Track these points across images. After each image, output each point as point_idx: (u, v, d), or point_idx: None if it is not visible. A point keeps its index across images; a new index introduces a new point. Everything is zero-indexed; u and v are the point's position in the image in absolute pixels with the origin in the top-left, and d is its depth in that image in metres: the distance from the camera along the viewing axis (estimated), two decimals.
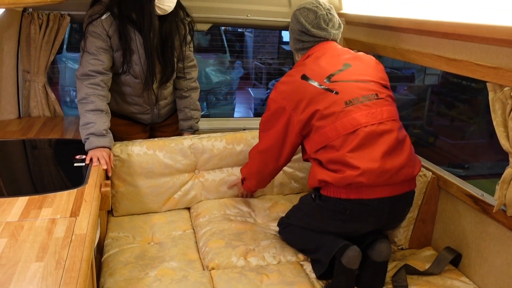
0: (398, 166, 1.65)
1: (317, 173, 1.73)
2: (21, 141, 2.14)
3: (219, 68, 5.26)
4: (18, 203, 1.50)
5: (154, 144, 2.21)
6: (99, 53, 2.04)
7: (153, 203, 2.23)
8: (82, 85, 2.02)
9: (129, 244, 1.98)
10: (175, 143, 2.23)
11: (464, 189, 1.81)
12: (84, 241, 1.31)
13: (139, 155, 2.16)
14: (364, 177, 1.61)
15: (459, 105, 5.99)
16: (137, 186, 2.18)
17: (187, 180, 2.28)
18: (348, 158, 1.63)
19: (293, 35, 1.93)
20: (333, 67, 1.77)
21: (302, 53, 1.93)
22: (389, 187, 1.66)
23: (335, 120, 1.67)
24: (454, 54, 1.69)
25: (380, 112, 1.70)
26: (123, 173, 2.15)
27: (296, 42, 1.92)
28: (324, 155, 1.71)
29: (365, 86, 1.74)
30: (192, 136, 2.31)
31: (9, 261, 1.19)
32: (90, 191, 1.62)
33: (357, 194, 1.65)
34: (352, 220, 1.73)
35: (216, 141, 2.29)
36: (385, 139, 1.66)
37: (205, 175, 2.30)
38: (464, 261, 1.83)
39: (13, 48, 2.36)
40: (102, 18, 2.03)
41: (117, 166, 2.12)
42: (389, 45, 2.10)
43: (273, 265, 1.83)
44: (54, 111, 2.53)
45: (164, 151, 2.20)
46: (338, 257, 1.67)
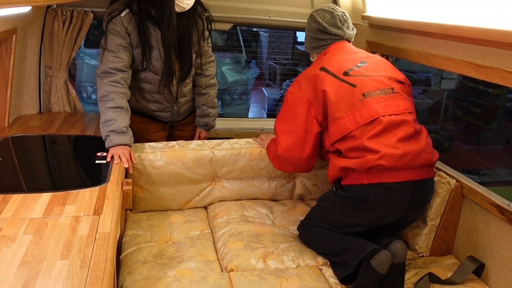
0: (417, 150, 1.71)
1: (337, 162, 1.78)
2: (42, 136, 2.15)
3: (234, 68, 5.25)
4: (41, 199, 1.51)
5: (173, 155, 2.13)
6: (118, 50, 2.04)
7: (172, 205, 2.24)
8: (102, 83, 2.02)
9: (147, 243, 1.98)
10: (195, 154, 2.16)
11: (489, 198, 1.77)
12: (108, 240, 1.30)
13: (157, 167, 2.11)
14: (384, 160, 1.67)
15: (475, 110, 5.93)
16: (155, 193, 2.17)
17: (205, 187, 2.26)
18: (367, 143, 1.69)
19: (310, 34, 2.00)
20: (350, 63, 1.86)
21: (318, 51, 2.00)
22: (409, 170, 1.71)
23: (354, 111, 1.74)
24: (484, 61, 1.66)
25: (396, 105, 1.77)
26: (141, 182, 2.12)
27: (313, 40, 1.99)
28: (343, 144, 1.77)
29: (381, 80, 1.81)
30: (213, 147, 2.21)
31: (35, 258, 1.19)
32: (113, 189, 1.62)
33: (379, 178, 1.69)
34: (375, 207, 1.74)
35: (239, 156, 2.21)
36: (403, 128, 1.72)
37: (224, 183, 2.26)
38: (488, 272, 1.79)
39: (36, 43, 2.37)
40: (121, 16, 2.04)
41: (135, 176, 2.07)
42: (414, 49, 2.07)
43: (292, 268, 1.82)
44: (75, 107, 2.54)
45: (183, 163, 2.14)
46: (366, 260, 1.65)
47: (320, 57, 1.96)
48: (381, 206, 1.74)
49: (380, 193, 1.71)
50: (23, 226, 1.33)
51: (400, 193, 1.72)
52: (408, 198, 1.73)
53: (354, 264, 1.69)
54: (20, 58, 2.28)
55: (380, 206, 1.74)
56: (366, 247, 1.69)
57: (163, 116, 2.36)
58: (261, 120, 3.34)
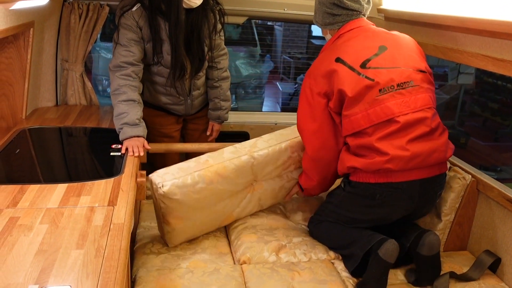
0: (428, 151, 1.66)
1: (345, 159, 1.75)
2: (58, 128, 2.18)
3: (249, 61, 5.25)
4: (57, 190, 1.53)
5: (213, 172, 1.82)
6: (130, 44, 2.06)
7: (214, 226, 1.99)
8: (114, 77, 2.05)
9: None
10: (235, 164, 1.87)
11: (505, 194, 1.75)
12: (122, 231, 1.32)
13: (198, 191, 1.79)
14: (392, 164, 1.63)
15: (493, 105, 5.83)
16: (196, 219, 1.87)
17: (245, 195, 1.99)
18: (377, 144, 1.65)
19: (322, 8, 1.80)
20: (368, 51, 1.72)
21: (332, 28, 1.83)
22: (419, 170, 1.68)
23: (368, 108, 1.66)
24: (502, 54, 1.63)
25: (414, 101, 1.68)
26: (182, 213, 1.80)
27: (326, 16, 1.80)
28: (353, 140, 1.72)
29: (401, 72, 1.70)
30: (249, 150, 1.94)
31: (51, 247, 1.22)
32: (127, 181, 1.63)
33: (386, 178, 1.67)
34: (383, 205, 1.73)
35: (280, 153, 1.97)
36: (418, 127, 1.66)
37: (263, 185, 2.01)
38: (503, 268, 1.77)
39: (53, 36, 2.40)
40: (132, 10, 2.06)
41: (174, 208, 1.77)
42: (430, 43, 2.04)
43: (304, 262, 1.82)
44: (90, 100, 2.57)
45: (224, 178, 1.85)
46: (374, 250, 1.65)
47: (335, 41, 1.80)
48: (388, 204, 1.73)
49: (387, 192, 1.69)
50: (40, 215, 1.36)
51: (408, 192, 1.69)
52: (416, 196, 1.71)
53: (360, 254, 1.69)
54: (37, 51, 2.31)
55: (388, 204, 1.73)
56: (373, 238, 1.69)
57: (177, 109, 2.38)
58: (275, 114, 3.34)
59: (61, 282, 1.08)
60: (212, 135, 2.54)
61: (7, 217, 1.34)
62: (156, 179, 1.77)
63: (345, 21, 1.78)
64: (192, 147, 2.44)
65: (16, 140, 1.98)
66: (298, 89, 6.03)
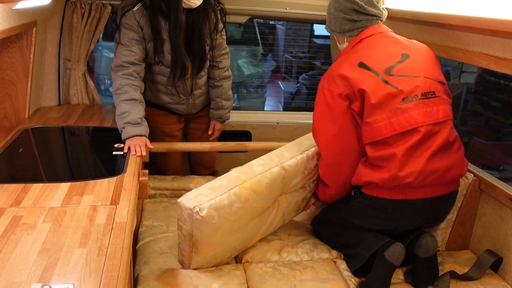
0: (446, 166, 1.63)
1: (363, 174, 1.68)
2: (61, 128, 2.19)
3: (251, 61, 5.25)
4: (60, 189, 1.54)
5: (248, 190, 1.65)
6: (131, 44, 2.07)
7: (239, 250, 1.81)
8: (116, 76, 2.06)
9: (163, 233, 2.00)
10: (268, 178, 1.72)
11: (507, 192, 1.75)
12: (124, 229, 1.33)
13: (235, 211, 1.62)
14: (411, 178, 1.59)
15: (495, 104, 5.82)
16: (226, 244, 1.70)
17: (271, 212, 1.83)
18: (400, 155, 1.58)
19: (340, 15, 1.73)
20: (392, 58, 1.67)
21: (350, 35, 1.76)
22: (433, 187, 1.65)
23: (391, 116, 1.60)
24: (504, 53, 1.63)
25: (437, 111, 1.64)
26: (217, 238, 1.63)
27: (346, 22, 1.73)
28: (373, 150, 1.65)
29: (424, 82, 1.65)
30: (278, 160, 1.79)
31: (54, 246, 1.22)
32: (129, 180, 1.64)
33: (401, 195, 1.64)
34: (393, 218, 1.71)
35: (308, 160, 1.84)
36: (437, 140, 1.61)
37: (287, 199, 1.87)
38: (505, 267, 1.77)
39: (56, 36, 2.41)
40: (133, 10, 2.06)
41: (209, 235, 1.59)
42: (432, 42, 2.04)
43: (306, 261, 1.82)
44: (93, 99, 2.57)
45: (258, 194, 1.69)
46: (380, 252, 1.65)
47: (356, 46, 1.73)
48: (398, 219, 1.71)
49: (400, 207, 1.67)
50: (43, 214, 1.37)
51: (421, 208, 1.67)
52: (427, 213, 1.70)
53: (366, 255, 1.69)
54: (40, 51, 2.32)
55: (398, 219, 1.71)
56: (380, 240, 1.68)
57: (179, 108, 2.38)
58: (277, 113, 3.34)
59: (64, 280, 1.09)
60: (214, 134, 2.54)
61: (10, 216, 1.35)
62: (189, 203, 1.55)
63: (365, 26, 1.73)
64: (194, 146, 2.45)
65: (19, 139, 1.99)
66: (300, 88, 6.03)
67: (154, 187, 2.38)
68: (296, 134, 3.01)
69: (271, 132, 2.98)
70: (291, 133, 3.01)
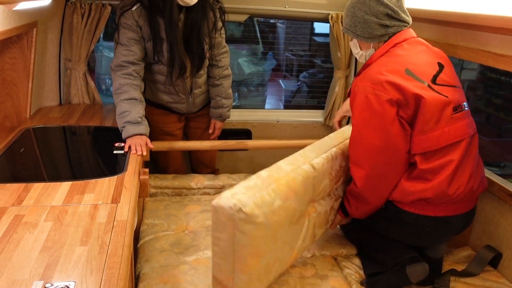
0: (480, 180, 1.64)
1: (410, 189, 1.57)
2: (62, 127, 2.20)
3: (251, 59, 5.25)
4: (61, 188, 1.55)
5: (285, 186, 1.48)
6: (130, 44, 2.08)
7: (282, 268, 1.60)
8: (115, 76, 2.07)
9: (164, 232, 2.01)
10: (302, 176, 1.56)
11: (506, 188, 1.76)
12: (125, 227, 1.34)
13: (276, 211, 1.42)
14: (459, 191, 1.56)
15: (496, 101, 5.81)
16: (270, 256, 1.47)
17: (303, 222, 1.63)
18: (452, 168, 1.53)
19: (372, 19, 1.61)
20: (431, 67, 1.60)
21: (380, 40, 1.65)
22: (468, 202, 1.64)
23: (445, 126, 1.53)
24: (502, 50, 1.63)
25: (472, 123, 1.63)
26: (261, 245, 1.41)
27: (378, 27, 1.62)
28: (423, 161, 1.55)
29: (460, 93, 1.62)
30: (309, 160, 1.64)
31: (55, 244, 1.23)
32: (130, 179, 1.65)
33: (444, 211, 1.60)
34: (428, 235, 1.66)
35: (333, 160, 1.72)
36: (473, 152, 1.62)
37: (316, 208, 1.69)
38: (504, 263, 1.78)
39: (56, 36, 2.42)
40: (132, 10, 2.07)
41: (255, 238, 1.37)
42: (431, 39, 2.04)
43: (307, 258, 1.83)
44: (93, 99, 2.58)
45: (295, 193, 1.52)
46: (402, 263, 1.62)
47: (392, 50, 1.62)
48: (434, 236, 1.67)
49: (438, 226, 1.62)
50: (44, 213, 1.38)
51: (456, 224, 1.65)
52: (460, 229, 1.70)
53: (390, 263, 1.66)
54: (40, 51, 2.33)
55: (434, 236, 1.67)
56: (407, 252, 1.65)
57: (179, 107, 2.39)
58: (277, 111, 3.35)
59: (66, 278, 1.10)
60: (214, 133, 2.55)
61: (12, 215, 1.36)
62: (228, 202, 1.33)
63: (396, 32, 1.64)
64: (194, 145, 2.46)
65: (21, 139, 2.00)
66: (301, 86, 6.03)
67: (155, 186, 2.39)
68: (296, 132, 3.03)
69: (271, 130, 2.99)
70: (291, 131, 3.02)
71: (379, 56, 1.64)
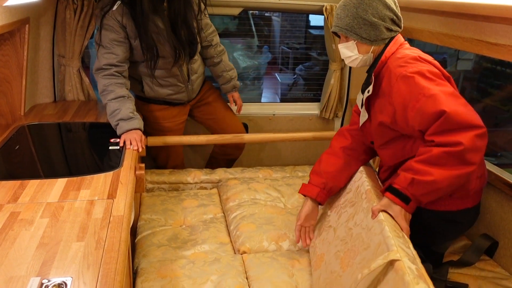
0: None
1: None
2: (57, 124, 2.19)
3: (246, 53, 5.24)
4: (57, 184, 1.55)
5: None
6: (112, 46, 2.04)
7: None
8: (98, 78, 2.06)
9: (162, 227, 2.02)
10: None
11: (502, 177, 1.76)
12: (122, 223, 1.34)
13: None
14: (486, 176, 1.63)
15: (492, 91, 5.81)
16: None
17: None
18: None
19: (380, 22, 1.57)
20: None
21: (381, 44, 1.61)
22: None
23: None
24: (496, 39, 1.63)
25: None
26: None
27: (384, 31, 1.58)
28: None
29: None
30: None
31: (52, 240, 1.23)
32: (126, 174, 1.65)
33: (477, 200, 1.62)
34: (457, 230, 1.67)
35: None
36: None
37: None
38: (501, 251, 1.79)
39: (49, 33, 2.40)
40: (113, 9, 2.02)
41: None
42: (426, 29, 2.04)
43: (305, 250, 1.84)
44: (88, 95, 2.57)
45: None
46: None
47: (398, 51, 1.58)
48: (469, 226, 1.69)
49: (472, 215, 1.63)
50: (40, 210, 1.38)
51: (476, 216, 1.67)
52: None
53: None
54: (33, 48, 2.31)
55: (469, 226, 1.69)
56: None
57: (180, 97, 2.38)
58: (273, 104, 3.34)
59: (63, 274, 1.10)
60: (237, 103, 2.61)
61: (8, 212, 1.35)
62: None
63: (393, 37, 1.61)
64: (190, 139, 2.46)
65: (16, 136, 1.99)
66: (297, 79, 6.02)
67: (152, 181, 2.39)
68: (292, 125, 3.03)
69: (268, 124, 2.99)
70: (287, 124, 3.02)
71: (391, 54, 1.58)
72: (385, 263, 1.19)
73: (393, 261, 1.18)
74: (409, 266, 1.15)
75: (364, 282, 1.24)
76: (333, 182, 1.73)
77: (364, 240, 1.36)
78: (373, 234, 1.34)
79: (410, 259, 1.19)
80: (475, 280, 1.66)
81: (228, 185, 2.33)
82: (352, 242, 1.43)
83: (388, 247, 1.22)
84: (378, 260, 1.21)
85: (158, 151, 2.53)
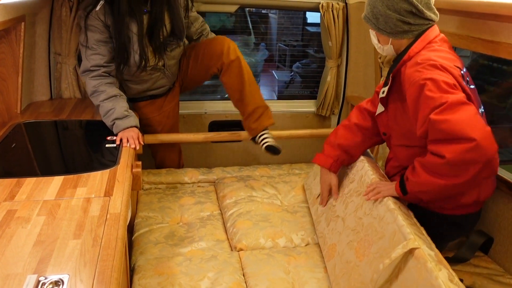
0: None
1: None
2: (53, 122, 2.19)
3: (243, 51, 5.23)
4: (53, 182, 1.55)
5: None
6: (98, 47, 2.03)
7: None
8: (87, 80, 2.05)
9: (159, 224, 2.02)
10: None
11: (498, 174, 1.77)
12: (118, 220, 1.34)
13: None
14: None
15: (489, 88, 5.83)
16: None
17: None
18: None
19: (394, 15, 1.53)
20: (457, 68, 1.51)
21: (403, 38, 1.58)
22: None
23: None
24: (492, 36, 1.63)
25: None
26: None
27: (400, 24, 1.54)
28: None
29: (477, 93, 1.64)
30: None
31: (48, 238, 1.23)
32: (122, 172, 1.65)
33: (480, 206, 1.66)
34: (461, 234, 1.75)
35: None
36: None
37: None
38: (496, 247, 1.80)
39: (45, 30, 2.39)
40: (96, 9, 2.00)
41: None
42: None
43: (301, 247, 1.85)
44: (85, 93, 2.56)
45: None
46: None
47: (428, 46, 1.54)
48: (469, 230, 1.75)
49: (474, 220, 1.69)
50: (37, 208, 1.38)
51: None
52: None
53: None
54: (29, 46, 2.30)
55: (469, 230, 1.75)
56: None
57: (162, 83, 2.33)
58: (271, 101, 3.34)
59: (59, 271, 1.10)
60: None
61: (4, 210, 1.35)
62: None
63: (422, 30, 1.56)
64: (186, 137, 2.46)
65: (12, 134, 1.99)
66: (294, 76, 6.02)
67: (149, 182, 2.39)
68: (289, 122, 3.03)
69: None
70: (284, 121, 3.02)
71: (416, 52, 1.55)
72: (405, 252, 1.23)
73: (413, 249, 1.23)
74: (429, 254, 1.21)
75: (386, 271, 1.28)
76: (346, 156, 1.84)
77: (377, 229, 1.41)
78: (385, 223, 1.39)
79: (427, 246, 1.24)
80: (470, 277, 1.67)
81: (225, 183, 2.33)
82: (364, 231, 1.47)
83: (405, 235, 1.27)
84: (397, 249, 1.25)
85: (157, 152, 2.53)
